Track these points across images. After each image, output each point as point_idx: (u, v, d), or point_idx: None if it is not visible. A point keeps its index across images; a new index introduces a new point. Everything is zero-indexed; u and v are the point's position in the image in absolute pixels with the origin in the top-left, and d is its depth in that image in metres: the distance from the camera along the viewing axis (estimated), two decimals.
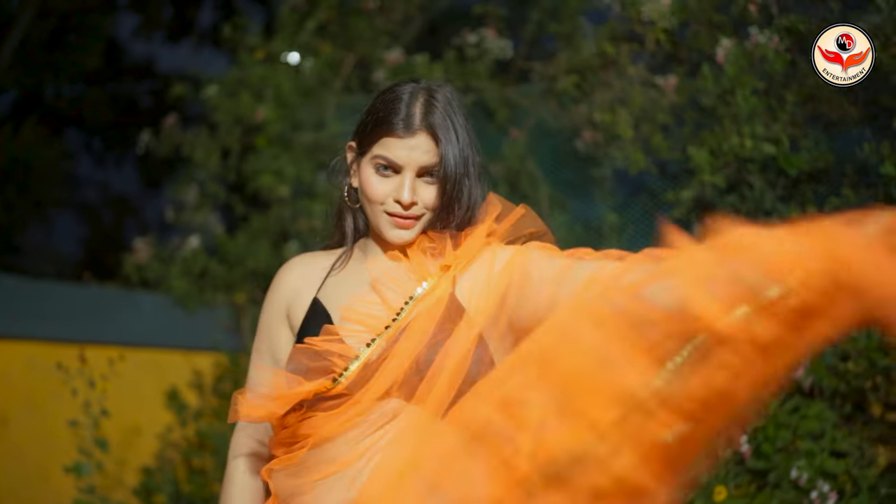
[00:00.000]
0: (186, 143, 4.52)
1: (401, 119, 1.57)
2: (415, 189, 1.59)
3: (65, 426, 3.31)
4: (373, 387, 1.53)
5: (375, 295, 1.61)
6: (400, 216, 1.60)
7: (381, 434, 1.53)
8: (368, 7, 4.25)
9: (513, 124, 4.01)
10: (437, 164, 1.58)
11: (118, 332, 3.93)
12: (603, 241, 3.90)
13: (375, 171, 1.60)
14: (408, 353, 1.54)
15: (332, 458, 1.54)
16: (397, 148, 1.57)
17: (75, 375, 3.00)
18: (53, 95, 10.27)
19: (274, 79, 4.33)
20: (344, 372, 1.53)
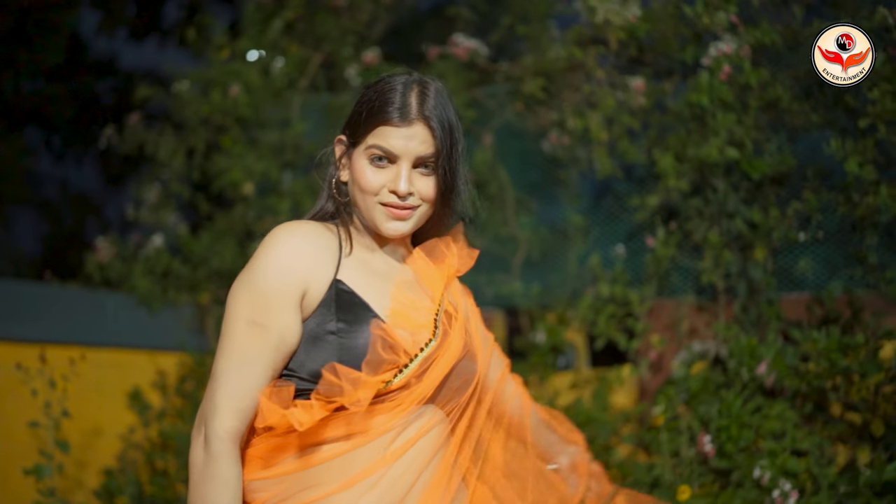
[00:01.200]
0: (150, 141, 4.46)
1: (396, 108, 1.56)
2: (411, 179, 1.57)
3: (24, 427, 3.26)
4: (418, 389, 1.52)
5: (416, 296, 1.60)
6: (396, 206, 1.57)
7: (415, 439, 1.52)
8: (338, 5, 4.22)
9: (479, 126, 4.02)
10: (433, 154, 1.57)
11: (80, 331, 3.87)
12: (569, 242, 3.93)
13: (370, 161, 1.57)
14: (449, 361, 1.56)
15: (360, 462, 1.50)
16: (393, 137, 1.55)
17: (35, 376, 2.95)
18: (13, 91, 10.10)
19: (242, 76, 4.30)
20: (404, 369, 1.51)
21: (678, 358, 3.32)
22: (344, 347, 1.49)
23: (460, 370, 1.58)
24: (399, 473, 1.50)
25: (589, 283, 3.65)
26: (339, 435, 1.49)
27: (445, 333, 1.59)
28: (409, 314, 1.56)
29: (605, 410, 3.54)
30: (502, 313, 4.09)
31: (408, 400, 1.51)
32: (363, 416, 1.48)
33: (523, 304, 3.93)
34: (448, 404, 1.57)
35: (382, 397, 1.49)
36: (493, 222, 4.01)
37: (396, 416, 1.50)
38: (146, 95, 4.40)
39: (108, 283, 4.36)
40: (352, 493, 1.48)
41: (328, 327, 1.51)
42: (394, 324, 1.53)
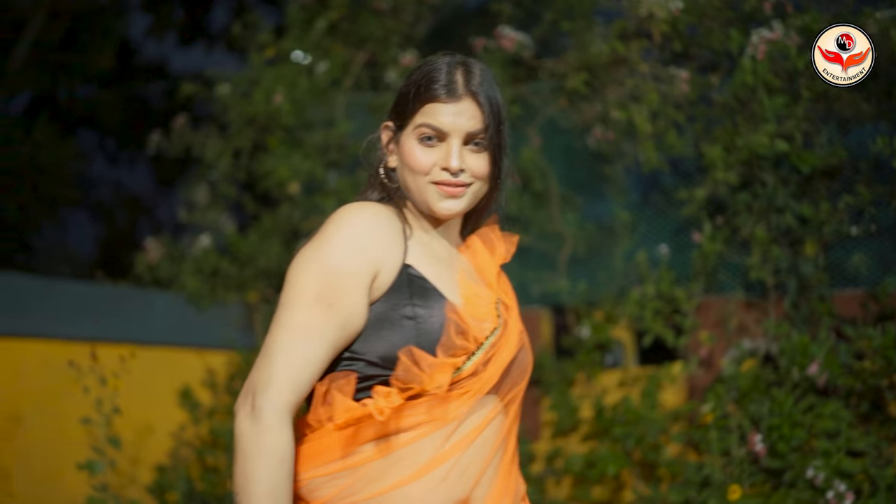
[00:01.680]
0: (197, 143, 4.52)
1: (443, 85, 1.54)
2: (462, 156, 1.54)
3: (77, 424, 3.32)
4: (483, 379, 1.50)
5: (477, 284, 1.59)
6: (449, 184, 1.54)
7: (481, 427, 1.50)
8: (380, 7, 4.23)
9: (523, 123, 3.99)
10: (482, 130, 1.54)
11: (130, 330, 3.93)
12: (615, 238, 3.89)
13: (419, 141, 1.55)
14: (510, 351, 1.54)
15: (429, 451, 1.46)
16: (442, 114, 1.53)
17: (87, 373, 3.01)
18: (66, 96, 10.30)
19: (285, 78, 4.33)
20: (472, 356, 1.49)
21: (728, 356, 3.27)
22: (422, 332, 1.46)
23: (518, 360, 1.57)
24: (469, 461, 1.49)
25: (635, 280, 3.61)
26: (417, 423, 1.47)
27: (506, 323, 1.57)
28: (475, 302, 1.54)
29: (653, 408, 3.50)
30: (549, 311, 4.06)
31: (475, 387, 1.49)
32: (439, 403, 1.46)
33: (570, 302, 3.89)
34: (507, 394, 1.56)
35: (453, 385, 1.47)
36: (538, 219, 3.98)
37: (465, 403, 1.48)
38: (190, 93, 4.45)
39: (157, 282, 4.42)
40: (425, 483, 1.45)
41: (404, 312, 1.48)
42: (466, 310, 1.51)
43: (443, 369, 1.44)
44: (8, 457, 3.47)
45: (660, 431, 3.40)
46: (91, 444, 3.00)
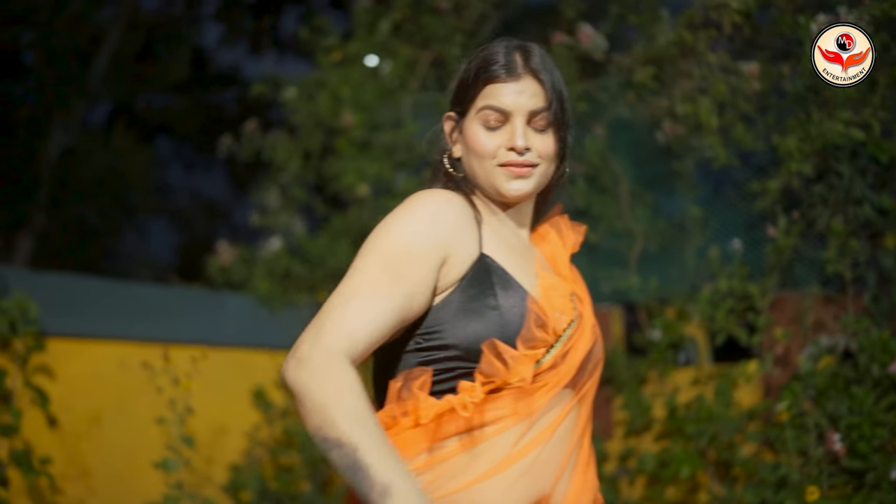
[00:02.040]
0: (267, 147, 4.58)
1: (502, 65, 1.53)
2: (527, 135, 1.53)
3: (154, 424, 3.39)
4: (561, 372, 1.49)
5: (556, 277, 1.58)
6: (516, 164, 1.52)
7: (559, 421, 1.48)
8: (441, 6, 4.23)
9: (591, 119, 3.95)
10: (545, 108, 1.53)
11: (203, 331, 4.00)
12: (686, 235, 3.82)
13: (483, 125, 1.53)
14: (586, 344, 1.53)
15: (506, 446, 1.43)
16: (504, 94, 1.52)
17: (161, 374, 3.07)
18: (144, 106, 10.57)
19: (352, 80, 4.36)
20: (551, 349, 1.48)
21: (804, 353, 3.18)
22: (505, 324, 1.44)
23: (592, 354, 1.56)
24: (548, 456, 1.47)
25: (708, 277, 3.53)
26: (499, 416, 1.44)
27: (581, 315, 1.56)
28: (552, 293, 1.52)
29: (728, 407, 3.43)
30: (620, 309, 4.01)
31: (554, 381, 1.47)
32: (522, 396, 1.45)
33: (641, 300, 3.83)
34: (582, 388, 1.54)
35: (534, 378, 1.46)
36: (608, 216, 3.93)
37: (545, 396, 1.47)
38: (259, 93, 4.52)
39: (230, 285, 4.49)
40: (506, 478, 1.43)
41: (488, 302, 1.45)
42: (544, 301, 1.50)
43: (525, 362, 1.43)
44: (89, 455, 3.57)
45: (734, 430, 3.32)
46: (166, 443, 3.05)
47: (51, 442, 3.46)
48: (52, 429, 3.45)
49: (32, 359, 3.37)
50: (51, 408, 3.41)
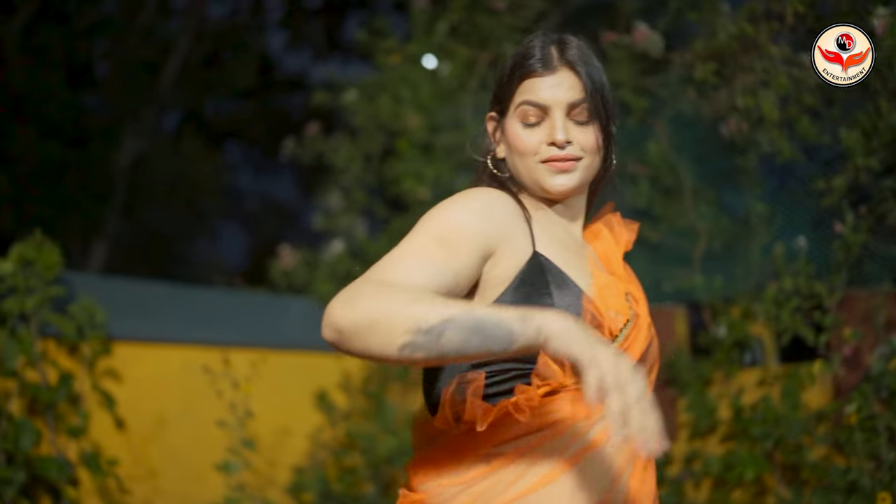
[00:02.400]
0: (328, 150, 4.62)
1: (538, 59, 1.50)
2: (567, 128, 1.49)
3: (217, 426, 3.45)
4: None
5: (610, 276, 1.54)
6: (558, 159, 1.49)
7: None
8: (497, 6, 4.21)
9: (652, 116, 3.89)
10: (583, 99, 1.49)
11: (266, 334, 4.04)
12: (751, 232, 3.73)
13: (522, 123, 1.51)
14: (641, 345, 1.50)
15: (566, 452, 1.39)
16: (540, 89, 1.49)
17: (222, 377, 3.12)
18: (212, 111, 10.77)
19: (411, 82, 4.37)
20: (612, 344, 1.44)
21: (876, 352, 3.07)
22: None
23: (648, 354, 1.52)
24: (607, 458, 1.41)
25: (773, 275, 3.44)
26: (557, 419, 1.40)
27: (637, 315, 1.52)
28: (607, 292, 1.49)
29: (796, 409, 3.33)
30: (684, 308, 3.93)
31: None
32: (581, 398, 1.36)
33: (705, 299, 3.76)
34: None
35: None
36: (670, 214, 3.87)
37: None
38: (321, 101, 4.56)
39: (293, 288, 4.54)
40: (566, 482, 1.38)
41: (544, 301, 1.41)
42: (599, 300, 1.46)
43: None
44: (155, 457, 3.64)
45: (802, 433, 3.23)
46: (227, 445, 3.09)
47: (118, 444, 3.54)
48: (119, 431, 3.53)
49: (100, 363, 3.45)
50: (118, 410, 3.49)
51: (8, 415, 3.05)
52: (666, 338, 3.91)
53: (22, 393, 3.15)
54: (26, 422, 3.06)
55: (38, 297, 3.08)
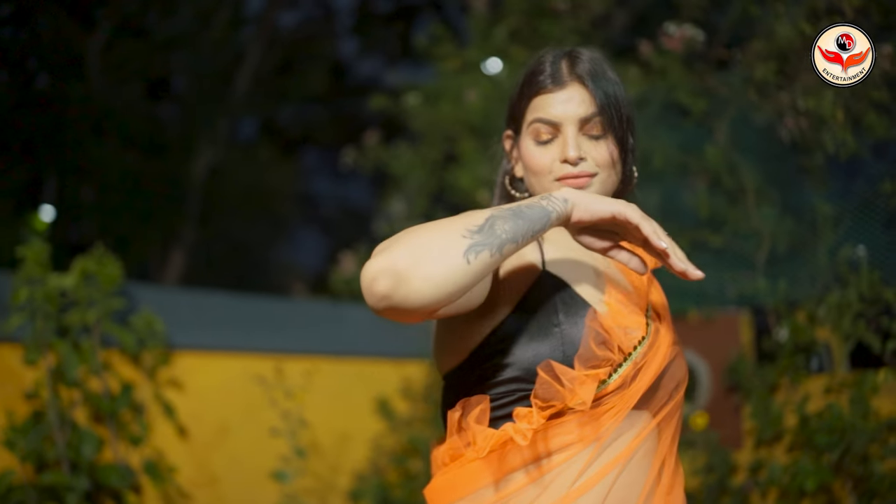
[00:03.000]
0: (389, 157, 4.65)
1: (548, 75, 1.49)
2: (579, 145, 1.47)
3: (276, 433, 3.50)
4: (629, 393, 1.40)
5: (627, 289, 1.50)
6: (571, 176, 1.47)
7: (635, 445, 1.40)
8: (558, 8, 4.17)
9: (712, 116, 3.80)
10: (595, 113, 1.47)
11: (325, 342, 4.09)
12: (817, 234, 3.61)
13: (535, 141, 1.50)
14: (661, 362, 1.44)
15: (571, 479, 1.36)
16: (550, 105, 1.48)
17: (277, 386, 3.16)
18: (287, 118, 10.95)
19: (469, 86, 4.37)
20: (619, 368, 1.40)
21: None
22: (567, 342, 1.37)
23: (670, 373, 1.46)
24: (625, 483, 1.38)
25: (835, 279, 3.33)
26: (567, 443, 1.37)
27: (657, 331, 1.47)
28: (621, 308, 1.44)
29: (864, 417, 3.21)
30: (748, 313, 3.83)
31: (622, 403, 1.39)
32: (589, 420, 1.37)
33: (769, 303, 3.65)
34: (661, 410, 1.45)
35: (598, 400, 1.37)
36: (732, 217, 3.78)
37: (614, 419, 1.38)
38: (380, 105, 4.58)
39: (354, 295, 4.57)
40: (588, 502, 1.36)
41: (551, 320, 1.40)
42: (611, 318, 1.42)
43: (586, 383, 1.33)
44: (218, 464, 3.71)
45: (870, 441, 3.11)
46: (284, 453, 3.13)
47: (180, 451, 3.61)
48: (181, 438, 3.60)
49: (161, 372, 3.53)
50: (180, 418, 3.56)
51: (71, 423, 3.15)
52: (730, 343, 3.82)
53: (85, 402, 3.25)
54: (89, 430, 3.15)
55: (99, 310, 3.17)
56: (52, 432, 3.06)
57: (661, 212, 4.07)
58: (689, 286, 4.04)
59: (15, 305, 3.01)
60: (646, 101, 4.15)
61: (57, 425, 3.06)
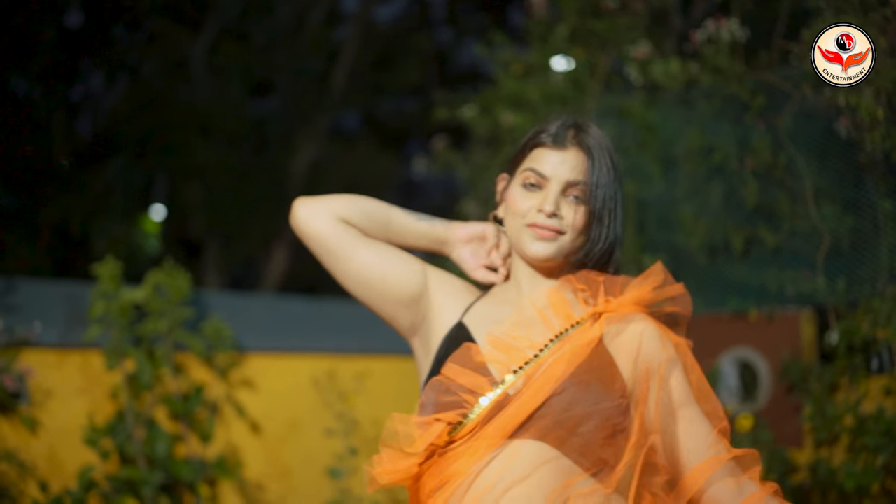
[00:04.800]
0: (456, 162, 4.77)
1: (552, 135, 1.64)
2: (558, 203, 1.61)
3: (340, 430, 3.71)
4: (500, 423, 1.48)
5: (522, 329, 1.59)
6: (541, 226, 1.61)
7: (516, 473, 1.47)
8: (608, 7, 4.20)
9: (770, 112, 3.76)
10: (583, 181, 1.61)
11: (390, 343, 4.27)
12: (879, 232, 3.55)
13: (522, 186, 1.64)
14: (542, 392, 1.49)
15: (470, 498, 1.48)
16: (546, 160, 1.62)
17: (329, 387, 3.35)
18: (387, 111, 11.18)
19: (528, 91, 4.44)
20: (474, 408, 1.50)
21: None
22: None
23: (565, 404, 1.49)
24: None
25: (893, 277, 3.28)
26: (437, 484, 1.51)
27: (529, 377, 1.51)
28: (503, 340, 1.57)
29: None
30: (810, 312, 3.80)
31: (481, 443, 1.48)
32: (450, 462, 1.49)
33: (829, 302, 3.62)
34: (565, 441, 1.48)
35: (457, 443, 1.49)
36: (791, 215, 3.75)
37: (469, 458, 1.48)
38: (442, 117, 4.71)
39: None
40: None
41: (434, 369, 1.60)
42: (491, 345, 1.55)
43: (425, 429, 1.48)
44: (289, 457, 3.95)
45: None
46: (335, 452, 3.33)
47: (253, 446, 3.87)
48: (253, 436, 3.86)
49: (232, 374, 3.79)
50: (252, 416, 3.82)
51: (149, 422, 3.43)
52: (791, 343, 3.80)
53: (161, 403, 3.53)
54: (162, 429, 3.44)
55: (170, 319, 3.44)
56: (131, 431, 3.35)
57: (724, 208, 4.06)
58: (750, 285, 4.03)
59: (92, 318, 3.31)
60: (706, 94, 4.14)
61: (134, 425, 3.35)
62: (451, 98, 4.77)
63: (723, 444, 1.55)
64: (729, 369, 4.02)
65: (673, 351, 1.60)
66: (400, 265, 1.70)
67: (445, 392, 1.52)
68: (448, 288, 1.71)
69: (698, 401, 1.57)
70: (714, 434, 1.55)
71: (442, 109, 4.75)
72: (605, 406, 1.51)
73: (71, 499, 3.17)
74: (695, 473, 1.51)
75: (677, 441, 1.53)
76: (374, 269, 1.67)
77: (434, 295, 1.70)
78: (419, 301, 1.69)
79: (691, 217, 4.07)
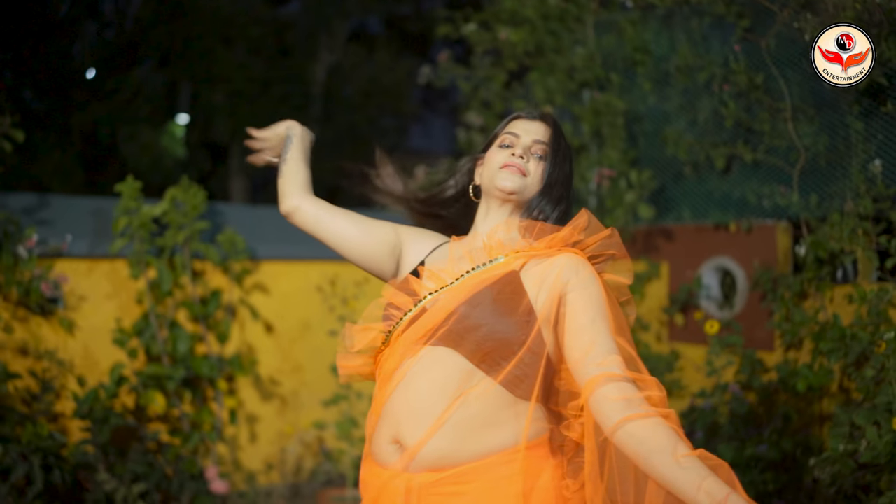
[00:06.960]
0: (460, 75, 4.97)
1: (525, 111, 2.03)
2: (527, 155, 1.95)
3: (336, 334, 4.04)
4: (414, 331, 1.83)
5: (455, 264, 1.93)
6: (511, 164, 1.93)
7: (421, 369, 1.81)
8: None
9: (755, 34, 3.92)
10: (547, 143, 1.96)
11: None
12: (851, 151, 3.72)
13: (499, 146, 1.99)
14: (445, 309, 1.82)
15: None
16: (520, 126, 1.99)
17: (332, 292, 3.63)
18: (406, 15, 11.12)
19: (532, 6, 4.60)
20: (399, 321, 1.87)
21: None
22: None
23: (456, 317, 1.81)
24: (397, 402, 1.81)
25: (852, 195, 3.50)
26: (379, 381, 1.91)
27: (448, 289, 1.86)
28: (432, 269, 1.93)
29: (877, 327, 3.41)
30: (785, 225, 4.03)
31: (400, 347, 1.84)
32: (384, 359, 1.88)
33: (801, 216, 3.85)
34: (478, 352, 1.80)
35: (388, 347, 1.89)
36: (771, 132, 3.94)
37: (396, 360, 1.84)
38: (445, 32, 4.90)
39: None
40: (372, 417, 1.88)
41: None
42: (424, 276, 1.92)
43: (360, 333, 1.91)
44: (301, 354, 4.31)
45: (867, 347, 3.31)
46: None
47: (268, 345, 4.23)
48: (267, 334, 4.22)
49: (247, 280, 4.12)
50: (265, 318, 4.17)
51: (170, 324, 3.79)
52: (767, 253, 4.04)
53: (181, 307, 3.88)
54: (184, 330, 3.80)
55: (187, 231, 3.76)
56: (155, 332, 3.72)
57: (711, 125, 4.25)
58: (731, 198, 4.25)
59: (116, 232, 3.63)
60: (697, 12, 4.29)
61: (157, 327, 3.72)
62: (453, 14, 4.94)
63: (616, 364, 1.73)
64: (711, 278, 4.29)
65: (587, 278, 1.85)
66: (375, 226, 2.05)
67: (381, 308, 1.92)
68: (416, 237, 2.07)
69: (613, 332, 1.80)
70: (612, 357, 1.75)
71: (445, 27, 4.93)
72: (498, 319, 1.81)
73: (105, 392, 3.55)
74: (585, 387, 1.74)
75: (578, 359, 1.78)
76: (354, 235, 2.05)
77: (405, 244, 2.06)
78: (395, 251, 2.06)
79: (676, 134, 4.27)
